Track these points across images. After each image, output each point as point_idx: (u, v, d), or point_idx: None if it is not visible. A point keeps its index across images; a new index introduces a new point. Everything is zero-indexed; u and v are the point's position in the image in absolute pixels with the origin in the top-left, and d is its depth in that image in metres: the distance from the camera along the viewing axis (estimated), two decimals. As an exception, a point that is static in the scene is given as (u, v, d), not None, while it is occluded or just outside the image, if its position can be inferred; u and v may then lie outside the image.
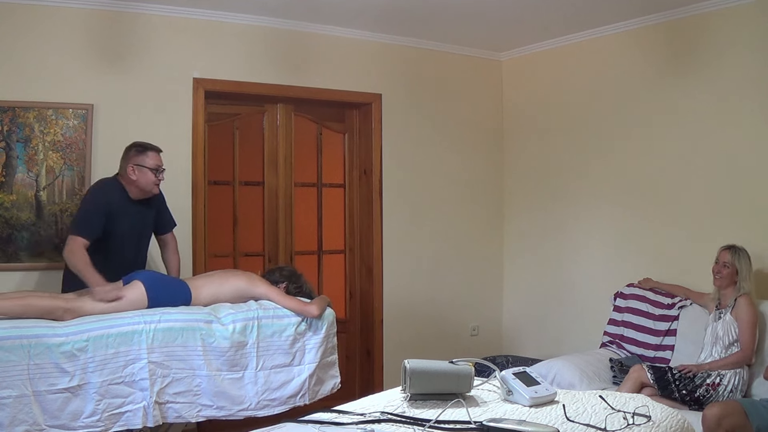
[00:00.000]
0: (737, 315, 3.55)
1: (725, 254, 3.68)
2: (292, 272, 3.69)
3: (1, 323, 2.81)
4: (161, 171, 3.50)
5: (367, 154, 4.98)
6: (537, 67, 5.27)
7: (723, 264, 3.67)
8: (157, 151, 3.51)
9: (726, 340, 3.56)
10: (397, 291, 5.01)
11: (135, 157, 3.45)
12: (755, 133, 3.94)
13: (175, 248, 3.79)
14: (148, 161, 3.45)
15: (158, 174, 3.49)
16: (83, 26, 3.98)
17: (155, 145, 3.53)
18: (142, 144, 3.51)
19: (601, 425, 2.06)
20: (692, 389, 3.46)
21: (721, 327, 3.60)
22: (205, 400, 3.10)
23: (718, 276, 3.69)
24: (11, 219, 3.81)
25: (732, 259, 3.64)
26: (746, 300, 3.56)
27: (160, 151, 3.53)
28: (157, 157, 3.50)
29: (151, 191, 3.51)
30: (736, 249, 3.67)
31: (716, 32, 4.10)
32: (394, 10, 4.36)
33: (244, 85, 4.45)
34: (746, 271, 3.64)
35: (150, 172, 3.45)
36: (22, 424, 2.74)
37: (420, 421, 2.07)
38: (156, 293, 3.18)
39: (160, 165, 3.50)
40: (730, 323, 3.57)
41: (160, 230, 3.75)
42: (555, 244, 5.10)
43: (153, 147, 3.51)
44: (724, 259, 3.68)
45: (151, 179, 3.47)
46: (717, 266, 3.71)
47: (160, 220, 3.72)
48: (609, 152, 4.74)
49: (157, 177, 3.48)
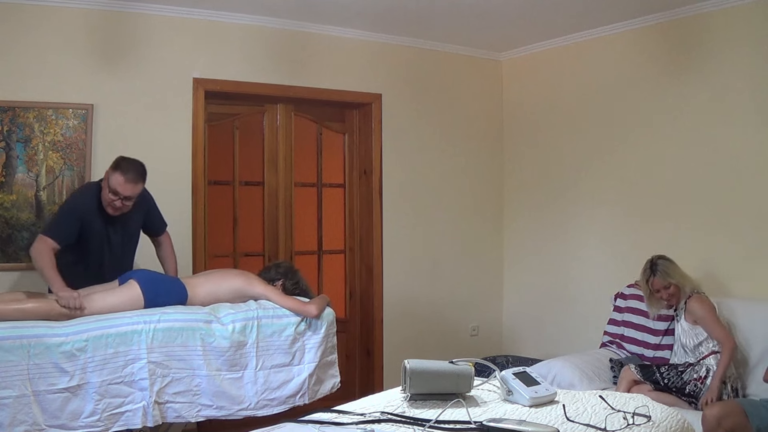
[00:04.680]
0: (694, 318, 3.60)
1: (657, 281, 3.69)
2: (289, 268, 3.68)
3: (1, 323, 2.81)
4: (121, 198, 3.25)
5: (367, 154, 4.99)
6: (537, 67, 5.27)
7: (663, 288, 3.69)
8: (126, 178, 3.23)
9: (690, 343, 3.62)
10: (397, 291, 5.01)
11: (109, 169, 3.30)
12: (755, 133, 3.94)
13: (170, 248, 3.75)
14: (111, 181, 3.24)
15: (114, 199, 3.25)
16: (83, 26, 3.98)
17: (136, 172, 3.27)
18: (126, 160, 3.30)
19: (601, 425, 2.06)
20: (681, 386, 3.49)
21: (682, 334, 3.67)
22: (205, 399, 3.10)
23: (670, 299, 3.71)
24: (11, 219, 3.81)
25: (666, 280, 3.67)
26: (695, 300, 3.61)
27: (136, 182, 3.27)
28: (122, 182, 3.22)
29: (106, 208, 3.31)
30: (657, 268, 3.69)
31: (716, 32, 4.10)
32: (394, 10, 4.36)
33: (244, 85, 4.45)
34: (679, 277, 3.68)
35: (108, 192, 3.26)
36: (21, 424, 2.73)
37: (420, 421, 2.07)
38: (152, 292, 3.17)
39: (122, 193, 3.24)
40: (688, 329, 3.63)
41: (152, 233, 3.70)
42: (555, 243, 5.10)
43: (128, 171, 3.25)
44: (660, 285, 3.69)
45: (105, 196, 3.27)
46: (661, 293, 3.71)
47: (149, 224, 3.64)
48: (609, 152, 4.74)
49: (112, 200, 3.26)
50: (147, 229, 3.68)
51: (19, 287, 3.73)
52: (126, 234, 3.52)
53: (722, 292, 3.96)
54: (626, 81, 4.63)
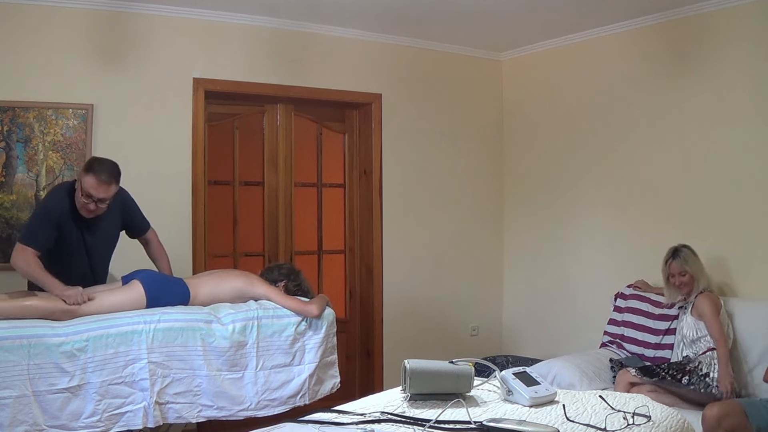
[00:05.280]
0: (699, 313, 3.64)
1: (674, 265, 3.76)
2: (291, 269, 3.68)
3: (1, 323, 2.81)
4: (94, 200, 3.15)
5: (367, 154, 4.98)
6: (537, 67, 5.27)
7: (679, 274, 3.75)
8: (99, 180, 3.12)
9: (691, 335, 3.65)
10: (397, 291, 5.01)
11: (81, 171, 3.19)
12: (755, 134, 3.94)
13: (158, 244, 3.64)
14: (84, 183, 3.13)
15: (87, 201, 3.15)
16: (83, 26, 3.98)
17: (108, 174, 3.15)
18: (99, 161, 3.20)
19: (601, 425, 2.06)
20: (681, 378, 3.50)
21: (685, 326, 3.72)
22: (205, 400, 3.10)
23: (682, 287, 3.76)
24: (11, 219, 3.81)
25: (683, 266, 3.73)
26: (704, 297, 3.65)
27: (109, 183, 3.15)
28: (94, 184, 3.11)
29: (80, 211, 3.20)
30: (679, 254, 3.75)
31: (716, 32, 4.10)
32: (394, 10, 4.36)
33: (244, 85, 4.45)
34: (698, 270, 3.74)
35: (81, 195, 3.15)
36: (22, 424, 2.73)
37: (420, 421, 2.07)
38: (154, 292, 3.17)
39: (95, 195, 3.14)
40: (692, 322, 3.67)
41: (136, 232, 3.60)
42: (555, 243, 5.10)
43: (101, 173, 3.13)
44: (676, 270, 3.76)
45: (78, 199, 3.17)
46: (675, 279, 3.77)
47: (131, 224, 3.54)
48: (609, 152, 4.74)
49: (86, 202, 3.15)
50: (130, 230, 3.58)
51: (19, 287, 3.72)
52: (101, 236, 3.40)
53: (722, 291, 3.96)
54: (626, 81, 4.62)
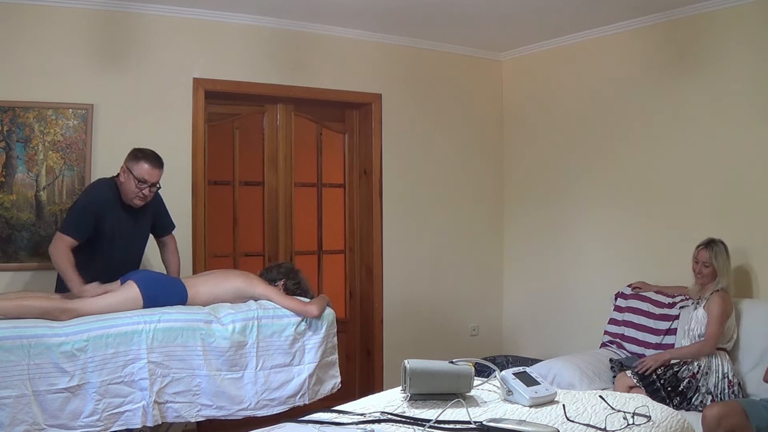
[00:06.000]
0: (709, 309, 3.60)
1: (703, 253, 3.71)
2: (290, 268, 3.69)
3: (1, 323, 2.81)
4: (148, 186, 3.33)
5: (367, 154, 4.98)
6: (537, 67, 5.27)
7: (703, 264, 3.71)
8: (152, 165, 3.33)
9: (696, 330, 3.62)
10: (397, 291, 5.01)
11: (129, 160, 3.34)
12: (755, 134, 3.94)
13: (174, 249, 3.75)
14: (136, 169, 3.30)
15: (143, 187, 3.32)
16: (83, 26, 3.98)
17: (156, 158, 3.36)
18: (142, 151, 3.36)
19: (601, 425, 2.06)
20: (676, 385, 3.50)
21: (693, 320, 3.67)
22: (205, 399, 3.10)
23: (699, 275, 3.73)
24: (11, 219, 3.81)
25: (710, 258, 3.68)
26: (719, 295, 3.59)
27: (160, 167, 3.37)
28: (149, 170, 3.31)
29: (131, 201, 3.36)
30: (713, 246, 3.70)
31: (716, 32, 4.10)
32: (394, 10, 4.35)
33: (244, 85, 4.45)
34: (724, 267, 3.68)
35: (133, 181, 3.31)
36: (22, 423, 2.74)
37: (420, 421, 2.07)
38: (151, 292, 3.17)
39: (150, 180, 3.32)
40: (702, 317, 3.62)
41: (159, 233, 3.71)
42: (555, 244, 5.10)
43: (151, 158, 3.33)
44: (702, 258, 3.71)
45: (131, 188, 3.32)
46: (697, 266, 3.75)
47: (158, 223, 3.66)
48: (609, 152, 4.74)
49: (140, 189, 3.32)
50: (155, 228, 3.67)
51: (19, 287, 3.73)
52: (138, 231, 3.54)
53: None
54: (626, 81, 4.62)
